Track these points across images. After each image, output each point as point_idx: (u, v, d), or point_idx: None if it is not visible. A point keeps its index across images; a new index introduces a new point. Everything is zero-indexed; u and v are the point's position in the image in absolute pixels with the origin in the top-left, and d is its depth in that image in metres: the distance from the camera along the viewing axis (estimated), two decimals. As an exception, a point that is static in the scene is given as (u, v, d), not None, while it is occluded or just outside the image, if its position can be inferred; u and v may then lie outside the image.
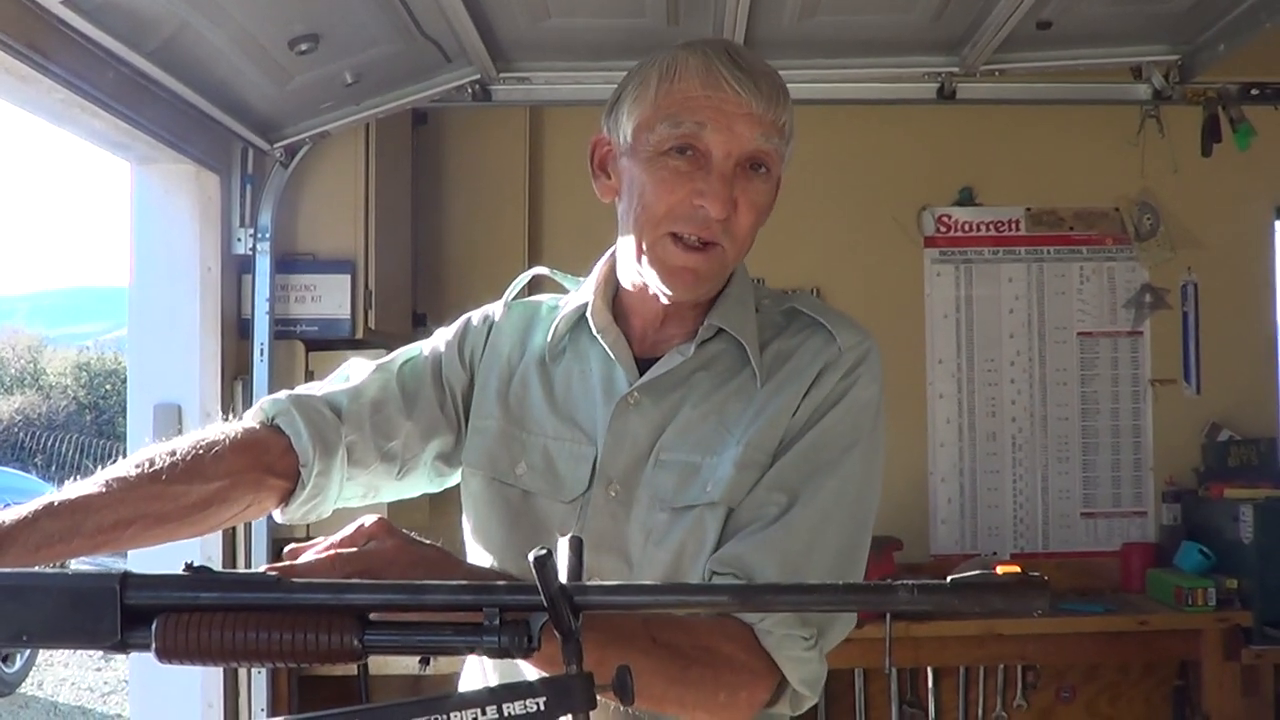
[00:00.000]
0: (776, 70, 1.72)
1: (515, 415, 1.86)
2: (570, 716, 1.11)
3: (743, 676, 1.60)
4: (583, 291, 1.89)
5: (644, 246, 1.73)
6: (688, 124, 1.66)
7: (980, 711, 4.79)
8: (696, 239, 1.68)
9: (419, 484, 1.94)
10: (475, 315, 1.99)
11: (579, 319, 1.87)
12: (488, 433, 1.86)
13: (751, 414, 1.74)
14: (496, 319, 1.96)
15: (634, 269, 1.77)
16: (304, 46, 3.24)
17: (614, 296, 1.87)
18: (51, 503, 1.45)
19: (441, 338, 1.98)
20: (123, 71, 3.04)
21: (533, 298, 2.01)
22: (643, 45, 1.96)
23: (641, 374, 1.79)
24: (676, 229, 1.69)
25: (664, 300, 1.76)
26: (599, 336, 1.82)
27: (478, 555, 1.86)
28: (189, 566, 1.15)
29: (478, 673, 1.89)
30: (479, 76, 3.70)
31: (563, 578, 1.13)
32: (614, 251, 1.87)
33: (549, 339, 1.87)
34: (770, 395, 1.75)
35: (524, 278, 2.02)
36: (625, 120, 1.74)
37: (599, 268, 1.89)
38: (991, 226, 5.04)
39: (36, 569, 1.30)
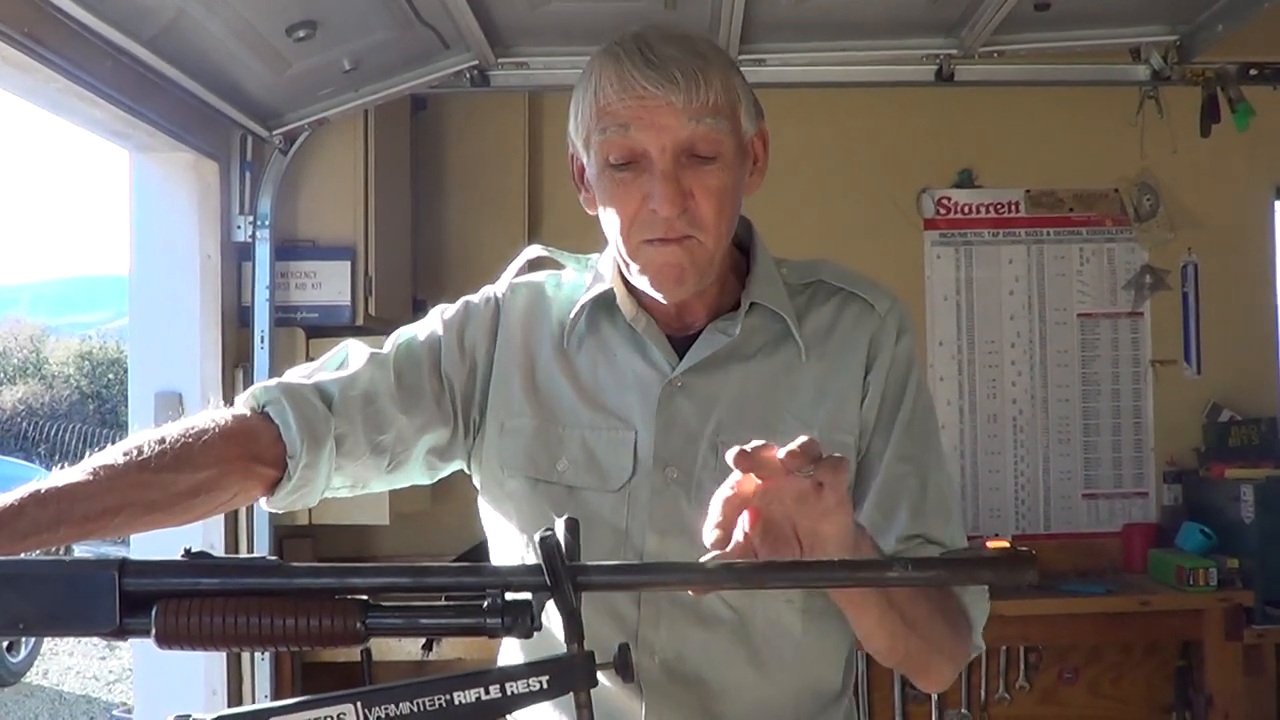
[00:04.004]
0: (701, 48, 1.69)
1: (547, 411, 1.83)
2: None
3: (965, 624, 1.73)
4: (598, 280, 1.86)
5: (626, 257, 1.73)
6: (612, 129, 1.65)
7: (983, 693, 4.79)
8: (664, 239, 1.68)
9: (410, 477, 1.89)
10: (477, 301, 1.94)
11: (592, 306, 1.85)
12: (522, 432, 1.83)
13: (811, 395, 1.77)
14: (502, 304, 1.92)
15: (631, 276, 1.77)
16: (302, 33, 3.23)
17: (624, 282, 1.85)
18: (38, 490, 1.42)
19: (439, 321, 1.92)
20: (121, 60, 3.04)
21: (532, 277, 1.97)
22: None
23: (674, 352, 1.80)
24: (644, 235, 1.69)
25: (665, 303, 1.76)
26: (632, 324, 1.81)
27: (520, 559, 1.83)
28: (188, 552, 1.15)
29: (513, 653, 1.88)
30: (477, 62, 3.70)
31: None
32: None
33: (567, 328, 1.85)
34: (827, 373, 1.78)
35: (522, 258, 1.99)
36: (577, 139, 1.76)
37: (610, 255, 1.86)
38: (991, 208, 5.04)
39: (32, 556, 1.30)
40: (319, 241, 4.15)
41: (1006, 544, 1.37)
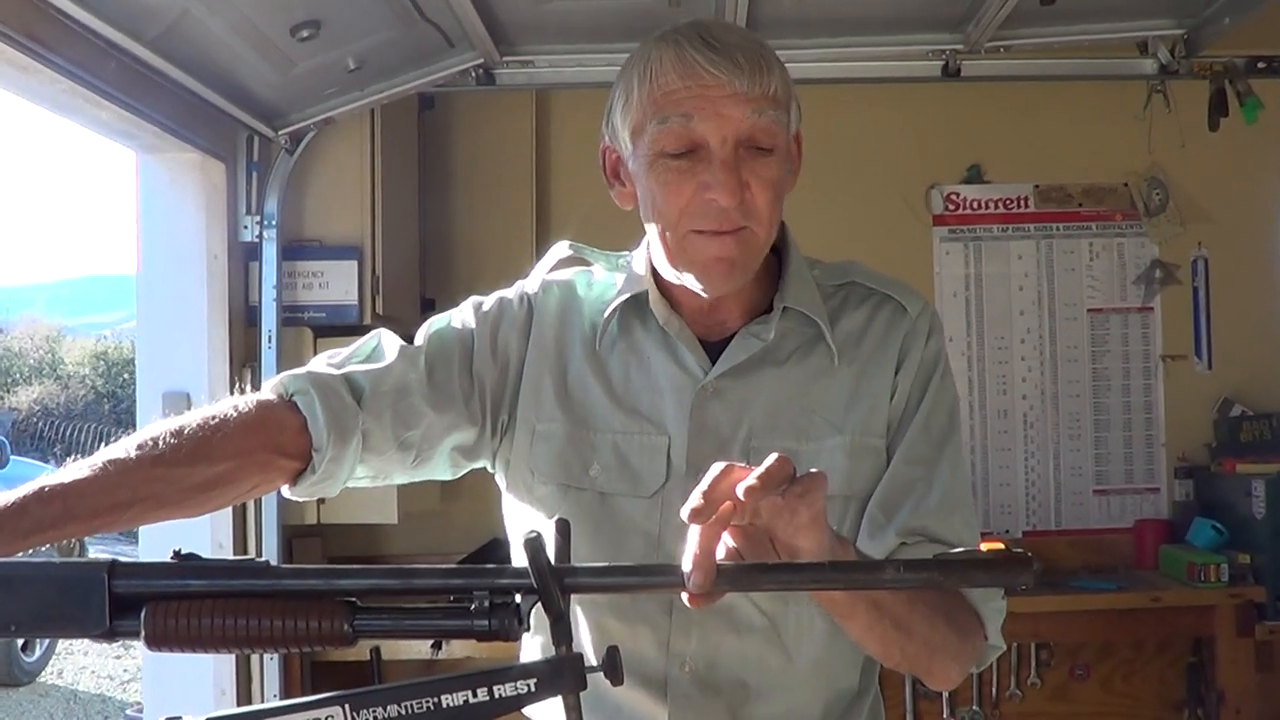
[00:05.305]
0: (758, 39, 1.69)
1: (579, 415, 1.81)
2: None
3: (974, 624, 1.70)
4: (630, 281, 1.84)
5: (672, 248, 1.70)
6: (674, 118, 1.62)
7: (994, 690, 4.78)
8: (718, 230, 1.66)
9: (434, 472, 1.86)
10: (511, 298, 1.91)
11: (624, 308, 1.83)
12: (554, 438, 1.81)
13: (844, 399, 1.76)
14: (535, 304, 1.89)
15: (670, 271, 1.75)
16: (305, 33, 3.24)
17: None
18: (42, 488, 1.41)
19: (474, 317, 1.88)
20: (124, 61, 3.04)
21: (563, 275, 1.94)
22: (644, 26, 1.97)
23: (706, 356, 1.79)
24: (695, 226, 1.66)
25: (705, 296, 1.74)
26: (665, 327, 1.79)
27: None
28: (177, 554, 1.15)
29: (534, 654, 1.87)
30: (482, 60, 3.70)
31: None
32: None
33: (600, 330, 1.83)
34: (858, 377, 1.77)
35: (553, 256, 1.97)
36: (621, 129, 1.72)
37: (643, 256, 1.85)
38: (1000, 204, 5.02)
39: (23, 559, 1.29)
40: (326, 241, 4.15)
41: (1002, 545, 1.36)
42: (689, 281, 1.72)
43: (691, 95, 1.61)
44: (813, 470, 1.26)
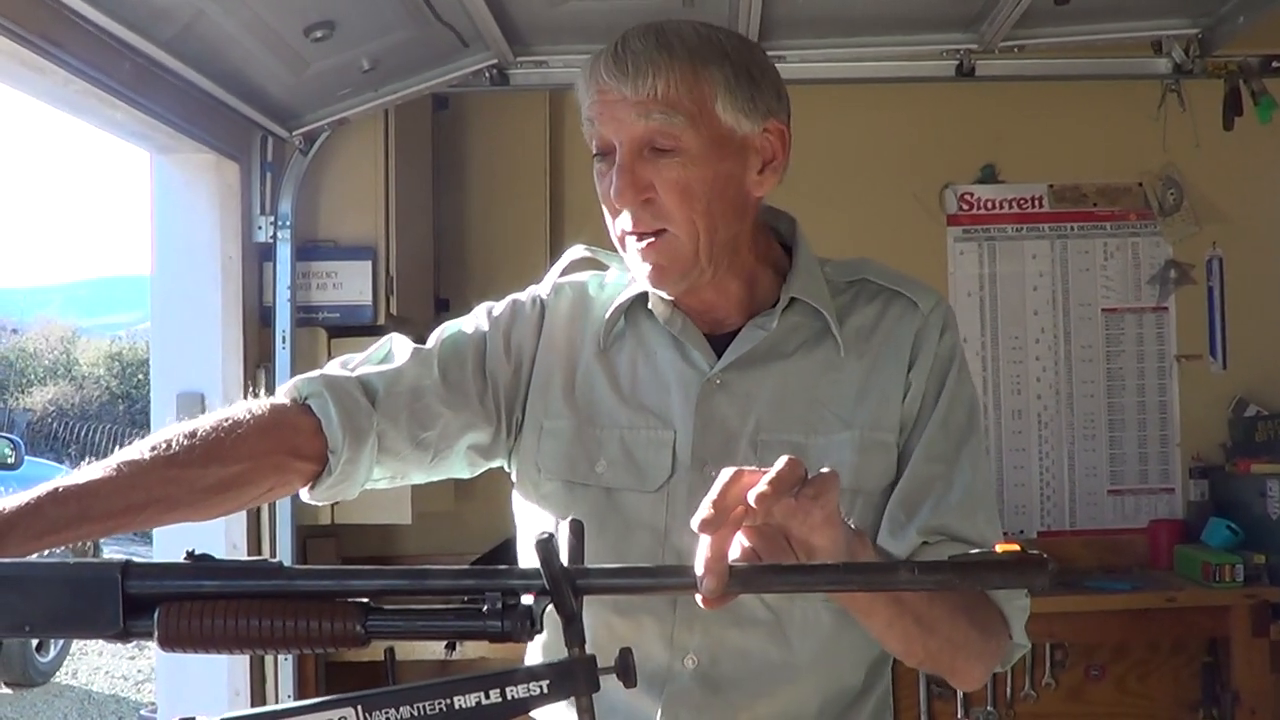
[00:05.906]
0: (678, 43, 1.68)
1: (586, 413, 1.82)
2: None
3: (998, 622, 1.71)
4: (634, 279, 1.85)
5: (622, 250, 1.76)
6: (587, 124, 1.71)
7: (1009, 691, 4.77)
8: (636, 233, 1.71)
9: (452, 470, 1.88)
10: (524, 301, 1.93)
11: (632, 305, 1.85)
12: (561, 435, 1.82)
13: (853, 393, 1.76)
14: (546, 305, 1.91)
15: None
16: (319, 34, 3.24)
17: None
18: (57, 489, 1.42)
19: (486, 320, 1.91)
20: (138, 61, 3.04)
21: (576, 277, 1.96)
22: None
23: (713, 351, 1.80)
24: (622, 227, 1.73)
25: (667, 298, 1.78)
26: (666, 325, 1.80)
27: None
28: (190, 555, 1.15)
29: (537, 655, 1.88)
30: (496, 61, 3.70)
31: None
32: None
33: (605, 329, 1.85)
34: (868, 372, 1.78)
35: (566, 258, 1.98)
36: None
37: None
38: (1014, 204, 5.01)
39: (37, 559, 1.30)
40: (340, 241, 4.15)
41: (1017, 546, 1.35)
42: (642, 281, 1.76)
43: (595, 102, 1.69)
44: (824, 470, 1.26)
